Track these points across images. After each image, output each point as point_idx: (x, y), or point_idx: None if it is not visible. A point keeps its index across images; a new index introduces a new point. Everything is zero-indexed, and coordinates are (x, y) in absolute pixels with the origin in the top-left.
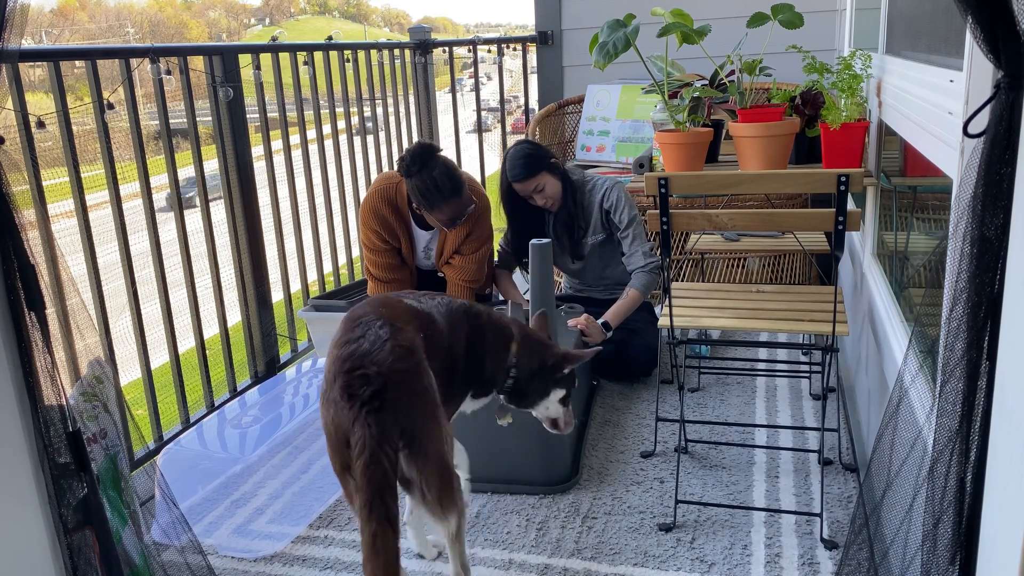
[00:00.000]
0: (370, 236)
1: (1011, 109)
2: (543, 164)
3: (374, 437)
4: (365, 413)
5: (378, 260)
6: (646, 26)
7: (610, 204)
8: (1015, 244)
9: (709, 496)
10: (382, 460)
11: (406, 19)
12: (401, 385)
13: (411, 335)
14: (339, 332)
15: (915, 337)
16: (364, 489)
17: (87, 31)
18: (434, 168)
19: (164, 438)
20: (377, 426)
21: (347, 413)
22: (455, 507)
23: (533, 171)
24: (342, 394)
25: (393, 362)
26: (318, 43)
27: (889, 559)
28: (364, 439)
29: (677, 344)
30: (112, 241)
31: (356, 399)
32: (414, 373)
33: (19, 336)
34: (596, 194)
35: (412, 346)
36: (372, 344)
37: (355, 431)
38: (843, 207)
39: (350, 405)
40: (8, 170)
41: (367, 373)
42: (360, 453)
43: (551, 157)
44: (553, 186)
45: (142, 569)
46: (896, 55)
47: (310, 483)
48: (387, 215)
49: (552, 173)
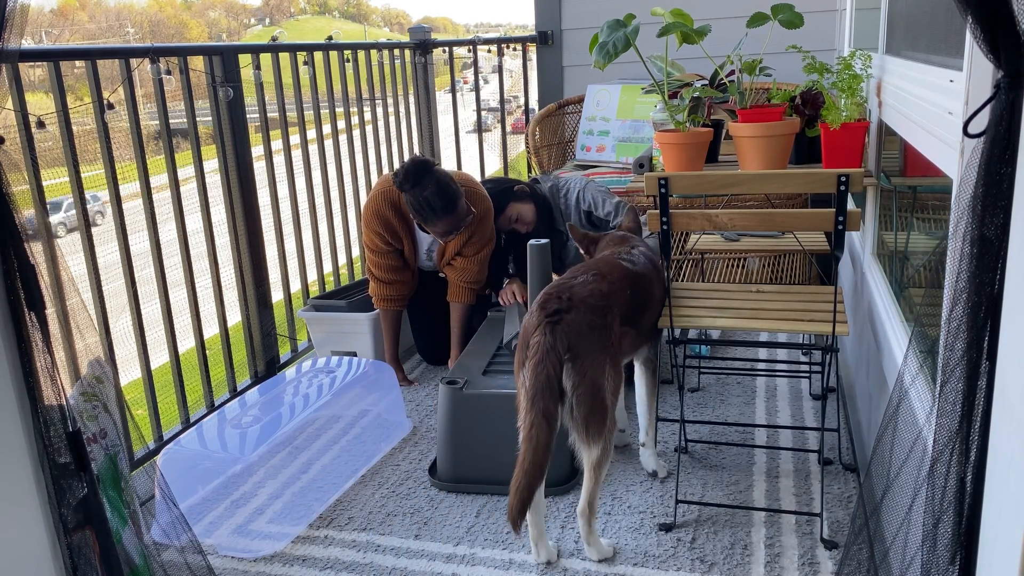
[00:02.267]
0: (372, 238)
1: (1011, 109)
2: (508, 196)
3: (547, 343)
4: (546, 323)
5: (380, 262)
6: (646, 26)
7: (588, 204)
8: (1015, 244)
9: (709, 496)
10: (547, 364)
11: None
12: (583, 314)
13: (615, 288)
14: (563, 275)
15: (915, 337)
16: (530, 384)
17: (87, 31)
18: (427, 186)
19: (164, 438)
20: (551, 335)
21: (534, 320)
22: (601, 437)
23: (500, 207)
24: (538, 306)
25: (585, 296)
26: (318, 43)
27: (889, 559)
28: (540, 343)
29: (677, 344)
30: (112, 241)
31: (544, 311)
32: (599, 311)
33: (19, 336)
34: (571, 196)
35: (610, 293)
36: (577, 283)
37: (534, 335)
38: (843, 207)
39: (538, 314)
40: (8, 170)
41: (561, 296)
42: (533, 354)
43: (514, 185)
44: (527, 211)
45: (142, 569)
46: (896, 55)
47: (310, 483)
48: (389, 217)
49: (520, 200)
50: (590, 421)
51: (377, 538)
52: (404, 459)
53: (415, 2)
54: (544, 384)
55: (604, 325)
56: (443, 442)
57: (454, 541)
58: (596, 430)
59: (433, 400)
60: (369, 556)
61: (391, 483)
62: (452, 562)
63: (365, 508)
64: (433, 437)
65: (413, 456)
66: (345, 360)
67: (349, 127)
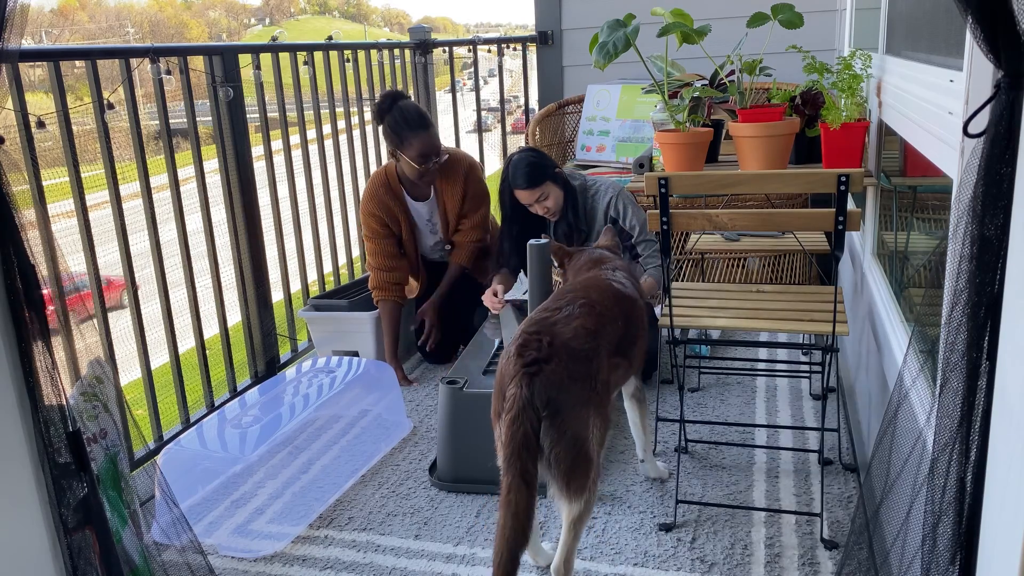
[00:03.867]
0: (369, 222)
1: (1011, 109)
2: (547, 174)
3: (523, 397)
4: (523, 373)
5: (377, 248)
6: (646, 26)
7: (616, 213)
8: (1015, 244)
9: (709, 496)
10: (524, 421)
11: (406, 19)
12: (564, 363)
13: (606, 320)
14: (548, 300)
15: (915, 337)
16: (507, 442)
17: (87, 31)
18: (404, 107)
19: (164, 438)
20: (528, 388)
21: (511, 367)
22: (582, 494)
23: (537, 181)
24: (516, 350)
25: (568, 340)
26: (318, 43)
27: (889, 559)
28: (516, 396)
29: (677, 344)
30: (112, 241)
31: (522, 358)
32: (583, 357)
33: (19, 336)
34: (600, 200)
35: (598, 329)
36: (562, 317)
37: (511, 386)
38: (843, 207)
39: (515, 361)
40: (8, 170)
41: (541, 340)
42: (510, 408)
43: (555, 167)
44: (556, 196)
45: (142, 569)
46: (896, 55)
47: (310, 483)
48: (382, 195)
49: (555, 183)
50: (571, 477)
51: (377, 538)
52: (404, 459)
53: (415, 2)
54: (521, 443)
55: (588, 374)
56: (443, 442)
57: (454, 541)
58: (578, 485)
59: (433, 400)
60: (369, 556)
61: (391, 483)
62: (452, 562)
63: (365, 508)
64: (433, 437)
65: (413, 456)
66: (345, 360)
67: (349, 127)
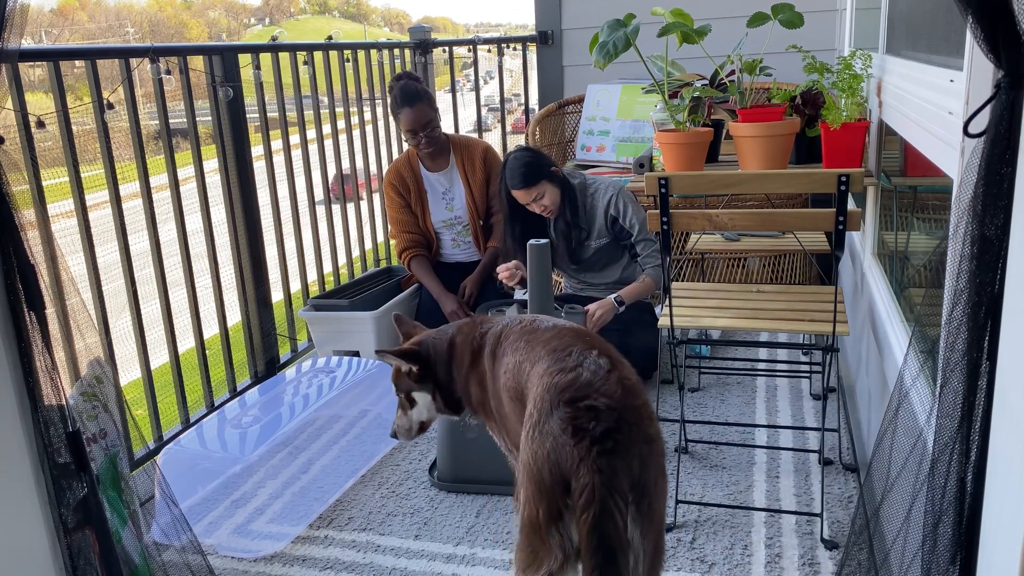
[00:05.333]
0: (389, 192)
1: (1011, 109)
2: (543, 173)
3: (604, 485)
4: (596, 454)
5: (399, 217)
6: (646, 26)
7: (616, 212)
8: (1015, 244)
9: (709, 496)
10: (615, 515)
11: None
12: (635, 426)
13: (631, 370)
14: (545, 362)
15: (915, 337)
16: (592, 551)
17: (87, 31)
18: (397, 87)
19: (164, 438)
20: (609, 471)
21: (571, 451)
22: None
23: (533, 180)
24: (565, 427)
25: (624, 396)
26: (318, 43)
27: (889, 559)
28: (592, 486)
29: (677, 344)
30: (112, 241)
31: (585, 435)
32: (647, 414)
33: (19, 336)
34: (600, 199)
35: (638, 382)
36: (594, 375)
37: (580, 474)
38: (843, 207)
39: (576, 441)
40: (8, 170)
41: (596, 406)
42: (588, 504)
43: (552, 165)
44: (553, 195)
45: (142, 569)
46: (896, 55)
47: (310, 483)
48: (401, 168)
49: (552, 182)
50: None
51: (377, 538)
52: (404, 459)
53: (415, 2)
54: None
55: (657, 433)
56: (443, 442)
57: (454, 541)
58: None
59: None
60: (369, 556)
61: (391, 483)
62: (452, 562)
63: (365, 508)
64: (433, 437)
65: (413, 456)
66: (345, 360)
67: (349, 127)
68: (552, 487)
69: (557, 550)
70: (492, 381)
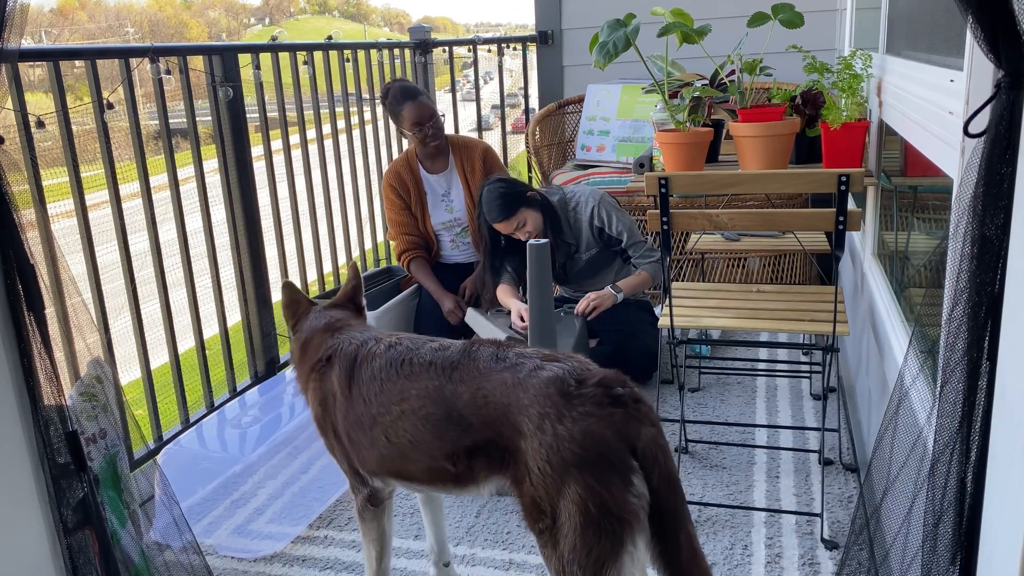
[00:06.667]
0: (388, 194)
1: (1011, 109)
2: (521, 200)
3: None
4: (643, 413)
5: (398, 218)
6: (646, 26)
7: (601, 222)
8: (1015, 244)
9: (709, 496)
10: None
11: (406, 19)
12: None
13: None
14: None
15: (915, 337)
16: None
17: (87, 31)
18: (394, 87)
19: (164, 438)
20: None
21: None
22: None
23: (512, 210)
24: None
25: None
26: (318, 43)
27: (890, 560)
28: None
29: (677, 344)
30: (112, 241)
31: (624, 400)
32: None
33: (19, 336)
34: (582, 212)
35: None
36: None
37: (642, 434)
38: (843, 207)
39: (623, 409)
40: (8, 170)
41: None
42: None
43: (528, 190)
44: (535, 219)
45: (141, 569)
46: (896, 55)
47: (310, 483)
48: (400, 170)
49: (531, 206)
50: None
51: None
52: None
53: (415, 2)
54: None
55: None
56: None
57: (454, 541)
58: None
59: None
60: None
61: None
62: (452, 562)
63: None
64: None
65: None
66: None
67: (349, 127)
68: (622, 457)
69: (640, 512)
70: (347, 404)
